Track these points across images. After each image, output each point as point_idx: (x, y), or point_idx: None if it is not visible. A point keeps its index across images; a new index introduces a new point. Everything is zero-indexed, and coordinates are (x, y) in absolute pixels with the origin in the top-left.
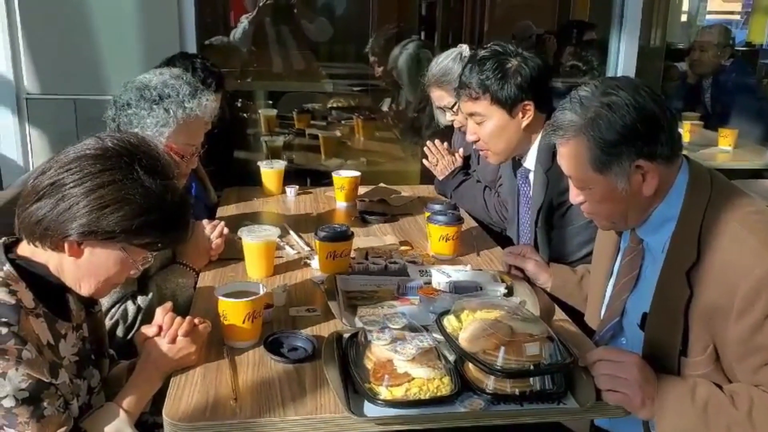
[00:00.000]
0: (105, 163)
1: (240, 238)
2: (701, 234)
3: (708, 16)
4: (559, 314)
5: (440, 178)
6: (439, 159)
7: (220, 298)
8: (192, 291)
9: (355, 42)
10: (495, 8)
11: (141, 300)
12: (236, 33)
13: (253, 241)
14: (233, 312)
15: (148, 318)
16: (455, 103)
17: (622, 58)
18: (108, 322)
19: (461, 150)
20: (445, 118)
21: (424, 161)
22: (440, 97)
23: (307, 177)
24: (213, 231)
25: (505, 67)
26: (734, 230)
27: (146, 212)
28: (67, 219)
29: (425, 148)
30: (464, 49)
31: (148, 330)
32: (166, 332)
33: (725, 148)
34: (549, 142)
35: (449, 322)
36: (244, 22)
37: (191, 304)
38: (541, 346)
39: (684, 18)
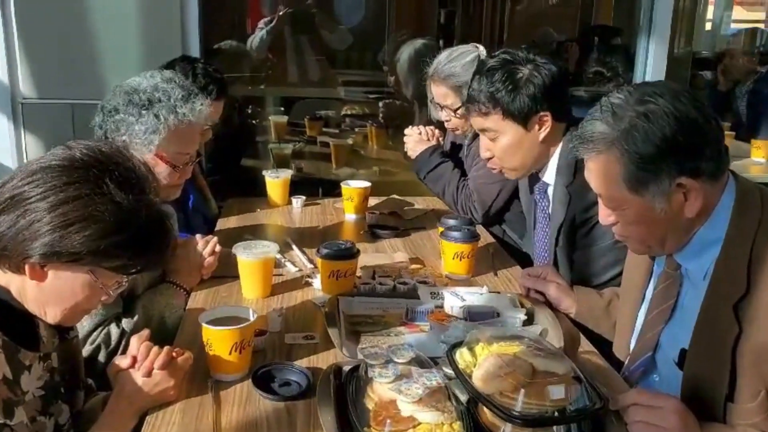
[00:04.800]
0: (71, 176)
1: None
2: (751, 262)
3: (732, 25)
4: (585, 344)
5: (413, 156)
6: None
7: (204, 325)
8: (182, 313)
9: (371, 49)
10: (515, 16)
11: (126, 323)
12: (254, 40)
13: (248, 258)
14: (219, 341)
15: None
16: (459, 107)
17: (651, 64)
18: (88, 348)
19: (434, 127)
20: (437, 114)
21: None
22: (444, 95)
23: (319, 187)
24: (205, 247)
25: (516, 77)
26: None
27: (116, 231)
28: (27, 238)
29: (405, 136)
30: (482, 51)
31: (122, 361)
32: (141, 364)
33: (759, 159)
34: (572, 156)
35: (462, 357)
36: (263, 30)
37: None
38: (567, 389)
39: (708, 26)
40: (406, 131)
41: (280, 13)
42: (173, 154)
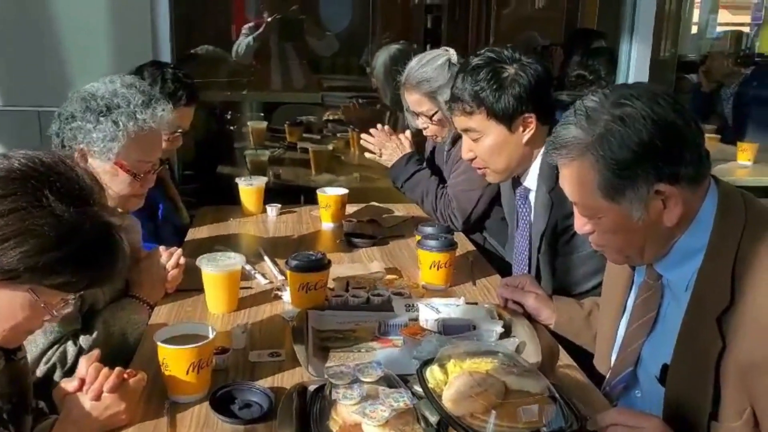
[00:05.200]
0: (7, 187)
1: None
2: (735, 272)
3: (718, 28)
4: (564, 358)
5: (388, 165)
6: (382, 146)
7: (160, 344)
8: (146, 328)
9: (356, 55)
10: (501, 20)
11: (83, 340)
12: (240, 46)
13: (213, 271)
14: (175, 361)
15: None
16: (435, 112)
17: (634, 67)
18: (43, 368)
19: (407, 132)
20: (416, 123)
21: (366, 155)
22: (418, 102)
23: (300, 194)
24: (169, 259)
25: (501, 76)
26: None
27: (56, 246)
28: None
29: (362, 141)
30: (452, 54)
31: (68, 384)
32: (89, 387)
33: (745, 162)
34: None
35: (432, 375)
36: (249, 37)
37: None
38: (541, 409)
39: (694, 30)
40: (374, 132)
41: (269, 20)
42: (134, 162)
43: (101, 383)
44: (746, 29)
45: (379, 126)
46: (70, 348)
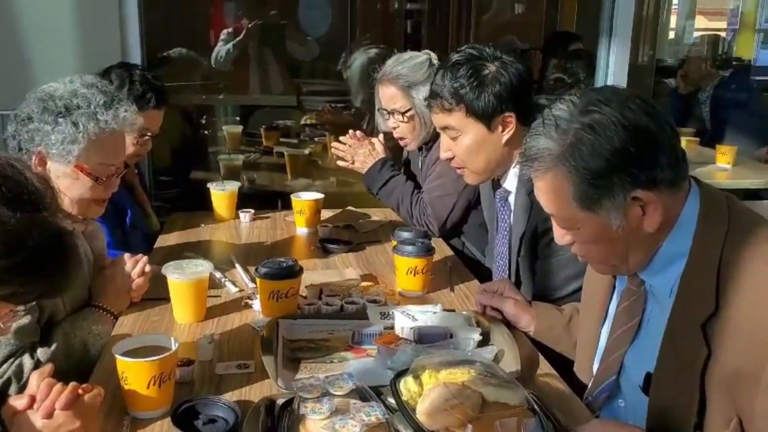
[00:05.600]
0: None
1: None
2: (719, 277)
3: (695, 33)
4: (544, 366)
5: (362, 172)
6: (354, 154)
7: (118, 357)
8: (109, 339)
9: (335, 59)
10: (481, 25)
11: (41, 353)
12: (219, 52)
13: (179, 279)
14: (135, 374)
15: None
16: (408, 109)
17: (612, 71)
18: None
19: (380, 136)
20: (385, 124)
21: (339, 163)
22: (392, 97)
23: (276, 199)
24: (134, 267)
25: (482, 73)
26: (762, 272)
27: (4, 255)
28: None
29: (332, 150)
30: (433, 56)
31: (17, 402)
32: (41, 404)
33: (724, 165)
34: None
35: (406, 386)
36: (230, 43)
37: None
38: (520, 423)
39: (672, 35)
40: (344, 140)
41: (249, 26)
42: (95, 166)
43: (53, 400)
44: (723, 34)
45: (350, 132)
46: (27, 361)
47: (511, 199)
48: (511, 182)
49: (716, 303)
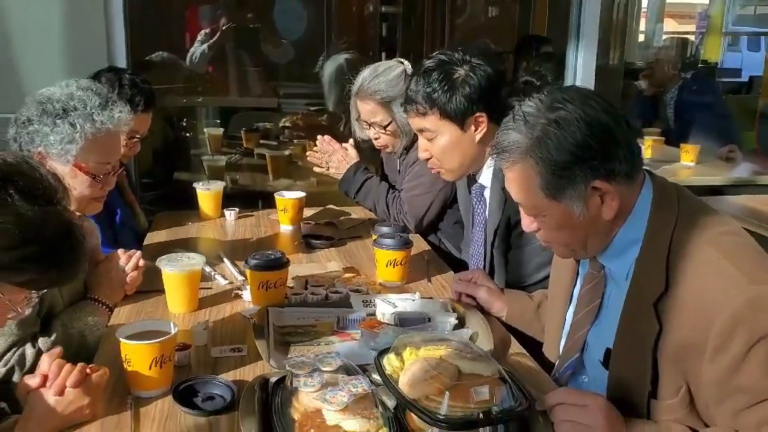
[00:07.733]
0: None
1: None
2: (669, 259)
3: (664, 36)
4: (516, 347)
5: (338, 178)
6: (328, 161)
7: (122, 340)
8: (105, 330)
9: (311, 62)
10: (455, 29)
11: (42, 342)
12: (195, 53)
13: (173, 271)
14: (137, 356)
15: None
16: (389, 122)
17: (580, 72)
18: (1, 370)
19: (351, 141)
20: (363, 133)
21: (315, 169)
22: (372, 111)
23: (258, 199)
24: (128, 261)
25: (452, 77)
26: (706, 255)
27: (22, 244)
28: None
29: (308, 157)
30: (407, 66)
31: (31, 380)
32: (53, 382)
33: (688, 163)
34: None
35: (389, 362)
36: (205, 44)
37: None
38: (492, 390)
39: (641, 38)
40: (318, 146)
41: (224, 27)
42: (93, 164)
43: (64, 378)
44: (692, 37)
45: (319, 138)
46: (29, 350)
47: (487, 193)
48: (486, 178)
49: (666, 283)
